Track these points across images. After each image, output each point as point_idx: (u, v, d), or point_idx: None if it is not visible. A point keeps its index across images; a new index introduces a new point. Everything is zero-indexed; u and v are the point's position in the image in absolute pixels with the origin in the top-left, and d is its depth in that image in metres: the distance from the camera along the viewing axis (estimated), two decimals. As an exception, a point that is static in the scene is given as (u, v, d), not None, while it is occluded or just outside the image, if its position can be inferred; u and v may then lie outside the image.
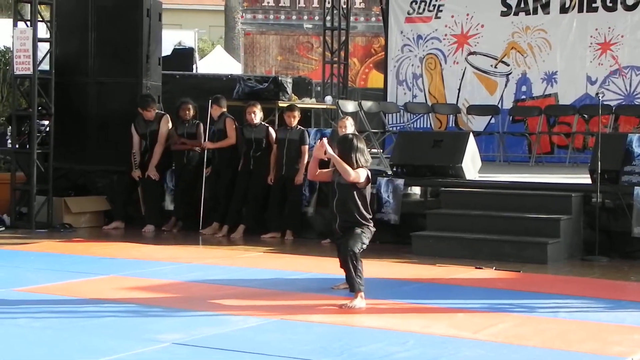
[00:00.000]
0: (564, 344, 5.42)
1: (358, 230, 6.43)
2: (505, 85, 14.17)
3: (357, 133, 7.15)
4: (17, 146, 11.16)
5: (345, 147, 6.44)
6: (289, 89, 13.21)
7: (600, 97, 9.69)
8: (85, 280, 7.34)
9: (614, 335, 5.67)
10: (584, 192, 9.13)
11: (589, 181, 9.16)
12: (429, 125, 14.57)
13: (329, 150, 6.40)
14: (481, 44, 14.34)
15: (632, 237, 8.72)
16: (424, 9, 14.81)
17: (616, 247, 8.88)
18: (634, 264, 8.49)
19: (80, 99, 11.67)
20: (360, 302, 6.34)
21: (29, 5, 11.10)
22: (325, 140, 6.47)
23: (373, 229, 6.54)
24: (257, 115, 10.43)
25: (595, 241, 8.76)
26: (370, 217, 6.54)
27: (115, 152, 11.23)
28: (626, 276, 7.94)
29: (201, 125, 10.72)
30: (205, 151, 10.55)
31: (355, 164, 6.41)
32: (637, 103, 13.15)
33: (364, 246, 6.46)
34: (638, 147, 9.01)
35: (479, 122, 14.04)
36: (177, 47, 17.80)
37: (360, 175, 6.41)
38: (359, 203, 6.45)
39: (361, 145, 6.49)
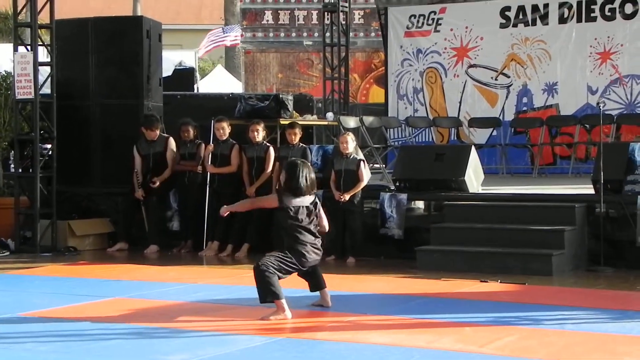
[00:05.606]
0: (571, 356, 5.40)
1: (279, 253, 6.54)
2: (506, 97, 14.20)
3: (305, 160, 7.28)
4: (20, 170, 11.18)
5: (291, 173, 6.57)
6: (290, 107, 13.21)
7: (601, 107, 9.68)
8: (91, 303, 7.34)
9: (621, 346, 5.65)
10: (587, 202, 9.11)
11: (592, 191, 9.15)
12: (430, 139, 14.58)
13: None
14: (481, 57, 14.38)
15: (637, 247, 8.70)
16: (422, 23, 14.86)
17: (621, 257, 8.85)
18: (639, 274, 8.47)
19: (82, 121, 11.68)
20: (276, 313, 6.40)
21: (29, 29, 11.14)
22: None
23: (307, 254, 6.52)
24: (259, 133, 10.45)
25: (600, 251, 8.74)
26: (302, 242, 6.51)
27: (118, 173, 11.24)
28: (632, 286, 7.92)
29: (202, 145, 10.74)
30: (209, 173, 10.56)
31: (302, 189, 6.52)
32: (638, 112, 13.16)
33: (275, 267, 6.43)
34: (640, 156, 9.01)
35: (480, 135, 14.05)
36: (177, 67, 17.83)
37: (272, 199, 6.71)
38: (286, 227, 6.55)
39: (306, 170, 6.59)
